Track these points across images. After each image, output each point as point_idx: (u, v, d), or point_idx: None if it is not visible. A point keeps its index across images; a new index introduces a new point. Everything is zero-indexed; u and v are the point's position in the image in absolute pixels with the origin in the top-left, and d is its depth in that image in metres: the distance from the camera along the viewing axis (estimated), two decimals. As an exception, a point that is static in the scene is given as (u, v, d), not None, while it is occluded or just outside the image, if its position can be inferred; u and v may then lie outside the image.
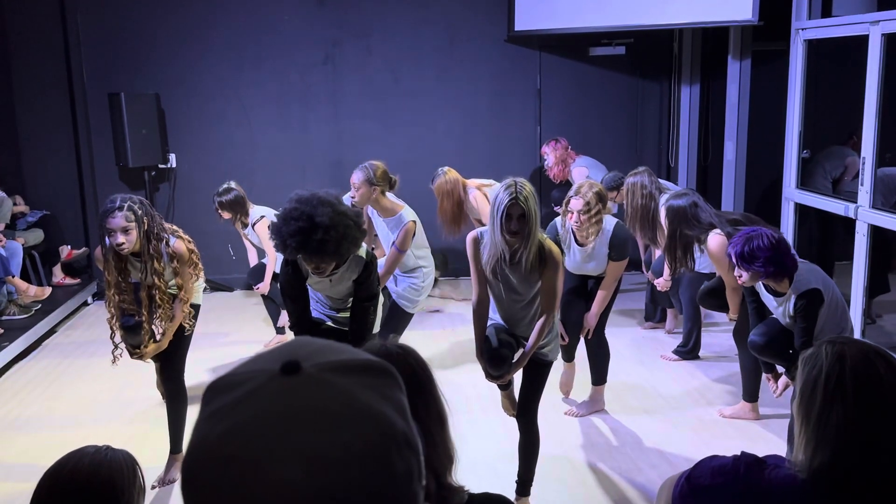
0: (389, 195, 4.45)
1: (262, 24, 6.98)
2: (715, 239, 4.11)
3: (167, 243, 3.45)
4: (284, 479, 0.59)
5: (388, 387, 0.67)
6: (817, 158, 5.89)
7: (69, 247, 6.87)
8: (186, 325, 3.63)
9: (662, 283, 5.33)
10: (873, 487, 1.41)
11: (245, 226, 5.49)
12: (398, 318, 4.47)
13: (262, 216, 5.25)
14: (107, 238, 3.34)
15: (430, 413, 1.49)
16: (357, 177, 4.33)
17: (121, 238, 3.30)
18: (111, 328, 3.52)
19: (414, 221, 4.38)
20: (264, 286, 5.47)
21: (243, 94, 7.07)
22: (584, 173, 6.17)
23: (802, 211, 5.58)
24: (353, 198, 4.29)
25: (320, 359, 0.66)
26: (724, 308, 4.33)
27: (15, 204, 6.51)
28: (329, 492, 0.59)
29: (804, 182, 5.60)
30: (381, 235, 4.59)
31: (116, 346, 3.53)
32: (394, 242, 4.35)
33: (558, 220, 4.22)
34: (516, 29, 6.91)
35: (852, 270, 4.91)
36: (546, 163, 6.50)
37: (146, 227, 3.36)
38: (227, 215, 5.41)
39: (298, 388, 0.63)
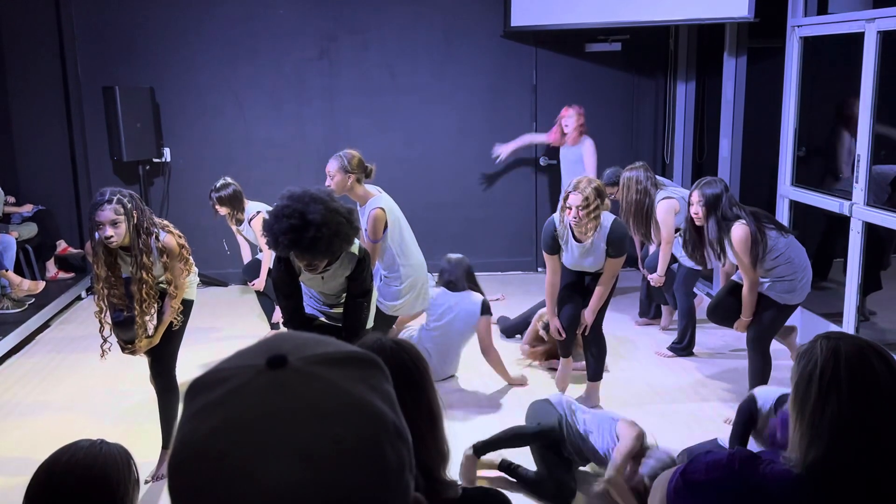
0: (368, 185, 4.43)
1: (257, 18, 6.96)
2: (739, 229, 4.03)
3: (157, 238, 3.43)
4: (277, 476, 0.58)
5: (374, 378, 0.66)
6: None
7: (64, 241, 6.85)
8: (175, 321, 3.61)
9: (656, 279, 5.34)
10: (867, 482, 1.42)
11: (240, 222, 5.48)
12: (381, 318, 4.42)
13: (258, 211, 5.24)
14: (96, 231, 3.33)
15: (420, 409, 1.48)
16: (332, 165, 4.35)
17: (109, 231, 3.29)
18: (100, 322, 3.50)
19: (382, 209, 4.28)
20: (259, 282, 5.47)
21: (238, 88, 7.05)
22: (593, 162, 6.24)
23: (807, 210, 5.55)
24: (328, 186, 4.28)
25: (306, 352, 0.65)
26: (731, 320, 4.26)
27: (6, 203, 6.49)
28: (323, 487, 0.58)
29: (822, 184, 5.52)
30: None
31: (105, 340, 3.52)
32: (365, 230, 4.34)
33: (556, 215, 4.21)
34: (512, 24, 6.90)
35: (846, 268, 4.92)
36: (565, 125, 6.40)
37: (136, 220, 3.34)
38: (224, 211, 5.40)
39: (286, 382, 0.62)
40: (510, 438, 3.58)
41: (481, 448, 3.55)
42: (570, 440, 3.54)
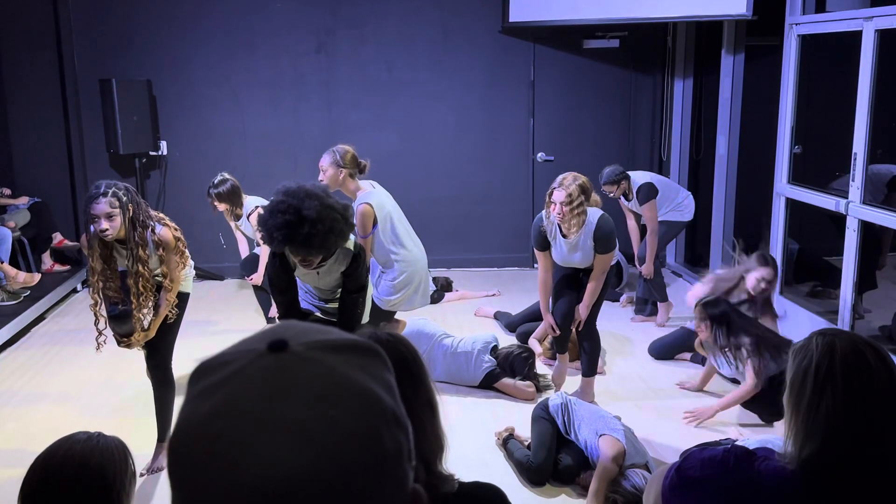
0: (362, 181, 4.43)
1: (255, 11, 6.94)
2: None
3: (153, 231, 3.42)
4: (273, 456, 0.58)
5: (374, 366, 0.67)
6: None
7: (59, 234, 6.84)
8: (170, 315, 3.60)
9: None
10: (862, 477, 1.42)
11: (238, 217, 5.47)
12: (378, 313, 4.42)
13: (257, 206, 5.23)
14: (91, 224, 3.32)
15: (420, 399, 1.48)
16: (324, 160, 4.35)
17: (104, 224, 3.28)
18: (95, 315, 3.50)
19: (369, 204, 4.26)
20: (257, 277, 5.47)
21: (235, 81, 7.03)
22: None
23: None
24: (321, 181, 4.27)
25: (307, 338, 0.66)
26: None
27: (2, 195, 6.48)
28: (319, 468, 0.58)
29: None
30: None
31: (101, 333, 3.51)
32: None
33: (543, 212, 4.21)
34: (510, 20, 6.89)
35: (842, 266, 4.93)
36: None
37: (131, 213, 3.33)
38: (222, 206, 5.39)
39: (286, 365, 0.63)
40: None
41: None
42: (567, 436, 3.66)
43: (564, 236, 4.15)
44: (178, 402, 3.73)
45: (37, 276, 6.19)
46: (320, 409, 0.60)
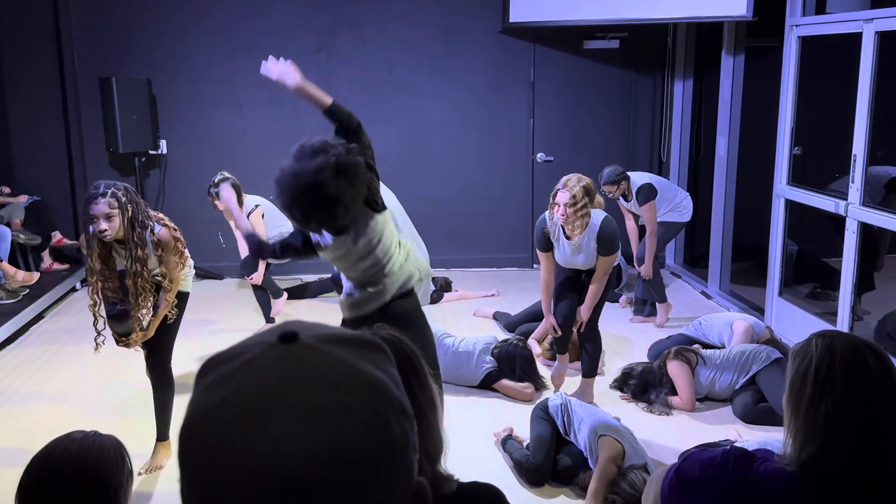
0: None
1: (255, 10, 6.94)
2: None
3: (152, 231, 3.42)
4: (287, 438, 0.59)
5: (381, 359, 0.69)
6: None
7: (59, 233, 6.83)
8: (169, 315, 3.60)
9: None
10: (862, 479, 1.42)
11: (238, 216, 5.47)
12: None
13: (257, 205, 5.24)
14: (90, 225, 3.32)
15: (425, 397, 1.48)
16: None
17: (103, 225, 3.27)
18: (94, 315, 3.49)
19: None
20: (258, 276, 5.47)
21: (235, 80, 7.03)
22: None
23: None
24: None
25: (316, 332, 0.68)
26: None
27: (1, 193, 6.47)
28: (332, 451, 0.60)
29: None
30: None
31: (99, 334, 3.51)
32: None
33: (547, 213, 4.21)
34: (511, 21, 6.89)
35: (841, 267, 4.93)
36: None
37: (130, 214, 3.33)
38: (223, 206, 5.39)
39: (298, 354, 0.65)
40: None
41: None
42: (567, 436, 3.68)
43: (568, 238, 4.15)
44: (178, 401, 3.74)
45: (36, 275, 6.18)
46: (333, 395, 0.62)
